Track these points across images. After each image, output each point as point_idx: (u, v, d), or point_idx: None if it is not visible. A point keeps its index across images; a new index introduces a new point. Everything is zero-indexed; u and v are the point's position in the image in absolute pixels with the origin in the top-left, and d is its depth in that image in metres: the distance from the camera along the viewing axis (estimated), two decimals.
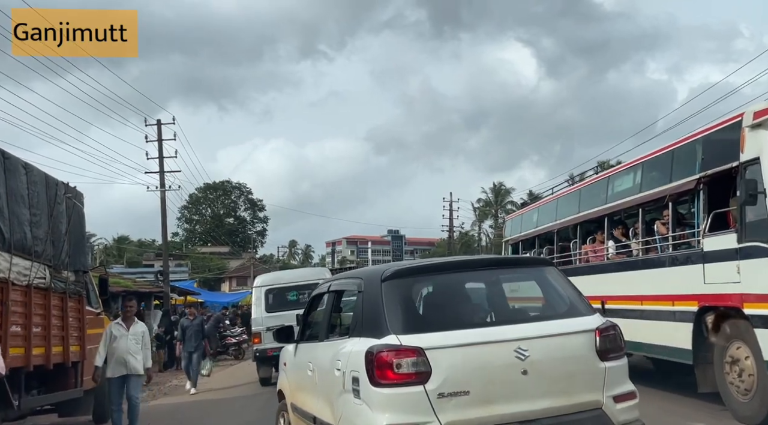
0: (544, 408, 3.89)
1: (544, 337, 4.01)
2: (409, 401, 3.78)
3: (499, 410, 3.83)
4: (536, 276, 4.79)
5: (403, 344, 3.84)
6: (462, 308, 4.50)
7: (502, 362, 3.86)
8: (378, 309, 4.14)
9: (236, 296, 38.42)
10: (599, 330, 4.11)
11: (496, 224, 73.17)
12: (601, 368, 4.05)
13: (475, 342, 3.92)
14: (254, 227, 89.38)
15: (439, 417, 3.74)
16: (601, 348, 4.07)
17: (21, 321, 7.85)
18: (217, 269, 72.12)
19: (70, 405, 9.67)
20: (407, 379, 3.78)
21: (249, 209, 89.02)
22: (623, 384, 4.16)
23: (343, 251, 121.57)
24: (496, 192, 72.21)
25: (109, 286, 19.58)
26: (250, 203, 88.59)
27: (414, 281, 4.53)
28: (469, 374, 3.83)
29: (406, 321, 4.05)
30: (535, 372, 3.88)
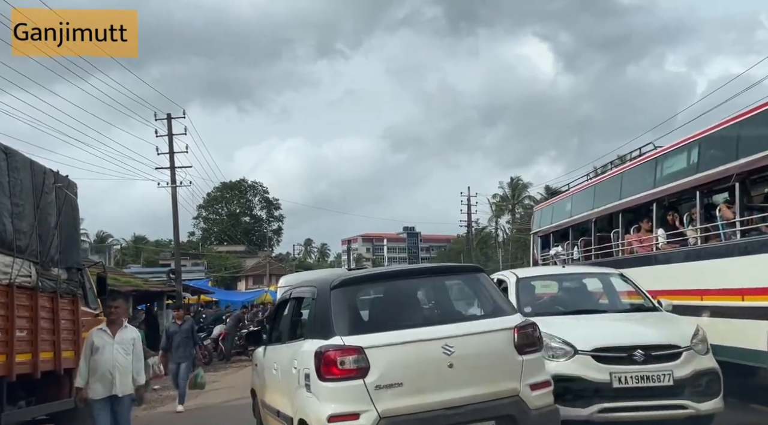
0: (468, 396, 4.39)
1: (468, 335, 4.52)
2: (350, 393, 4.28)
3: (428, 399, 4.34)
4: (467, 281, 5.35)
5: (345, 344, 4.36)
6: (399, 312, 5.00)
7: (431, 357, 4.37)
8: (327, 314, 4.69)
9: (252, 294, 37.52)
10: (517, 327, 4.64)
11: (513, 219, 71.82)
12: (519, 360, 4.56)
13: (408, 340, 4.43)
14: (270, 225, 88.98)
15: (376, 406, 4.24)
16: (519, 344, 4.59)
17: (1, 325, 6.90)
18: (233, 267, 71.57)
19: (67, 417, 8.70)
20: (349, 374, 4.29)
21: (265, 208, 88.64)
22: (539, 374, 4.68)
23: (359, 248, 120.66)
24: (513, 187, 70.84)
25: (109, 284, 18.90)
26: (266, 201, 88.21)
27: (358, 289, 5.11)
28: (403, 368, 4.35)
29: (349, 324, 4.58)
30: (460, 365, 4.38)
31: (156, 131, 23.16)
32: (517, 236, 70.52)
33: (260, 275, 66.37)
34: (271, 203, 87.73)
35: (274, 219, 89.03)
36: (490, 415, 4.45)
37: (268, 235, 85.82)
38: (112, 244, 73.99)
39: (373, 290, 5.37)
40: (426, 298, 5.40)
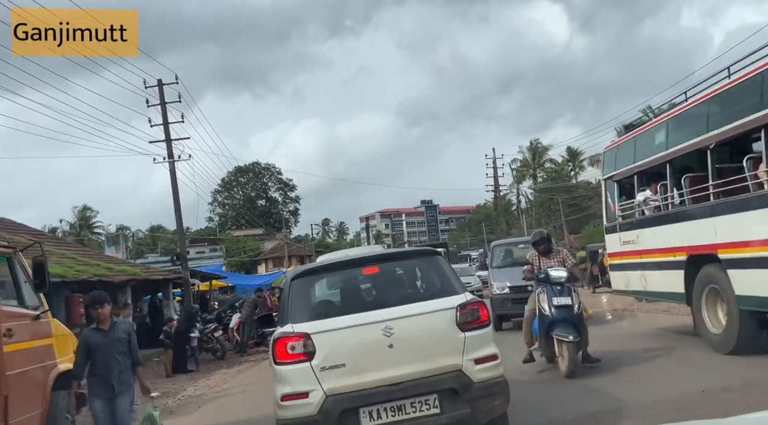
0: (409, 372, 4.65)
1: (408, 317, 4.76)
2: (299, 375, 4.63)
3: (370, 377, 4.63)
4: (418, 265, 5.59)
5: (294, 330, 4.72)
6: (346, 298, 5.51)
7: (372, 339, 4.66)
8: (285, 303, 5.13)
9: (269, 277, 34.77)
10: (460, 306, 4.82)
11: (535, 184, 68.34)
12: (461, 337, 4.74)
13: (350, 325, 4.75)
14: (286, 207, 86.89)
15: (322, 385, 4.59)
16: (461, 321, 4.78)
17: None
18: (252, 251, 69.36)
19: None
20: (298, 358, 4.65)
21: (280, 190, 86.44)
22: (484, 349, 4.81)
23: (377, 225, 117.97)
24: (533, 151, 67.17)
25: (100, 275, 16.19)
26: (281, 183, 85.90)
27: (314, 278, 5.46)
28: (345, 350, 4.67)
29: (300, 312, 4.97)
30: (400, 345, 4.65)
31: (147, 101, 20.21)
32: (541, 199, 67.15)
33: (280, 257, 64.01)
34: (285, 184, 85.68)
35: (290, 201, 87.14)
36: (431, 389, 4.61)
37: (285, 217, 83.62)
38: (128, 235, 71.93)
39: (327, 278, 5.65)
40: (377, 284, 5.47)
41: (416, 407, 4.61)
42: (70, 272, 13.47)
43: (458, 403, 4.64)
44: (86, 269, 14.99)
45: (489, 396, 4.72)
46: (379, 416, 4.59)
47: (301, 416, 4.60)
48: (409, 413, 4.60)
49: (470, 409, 4.62)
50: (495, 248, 15.65)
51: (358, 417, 4.58)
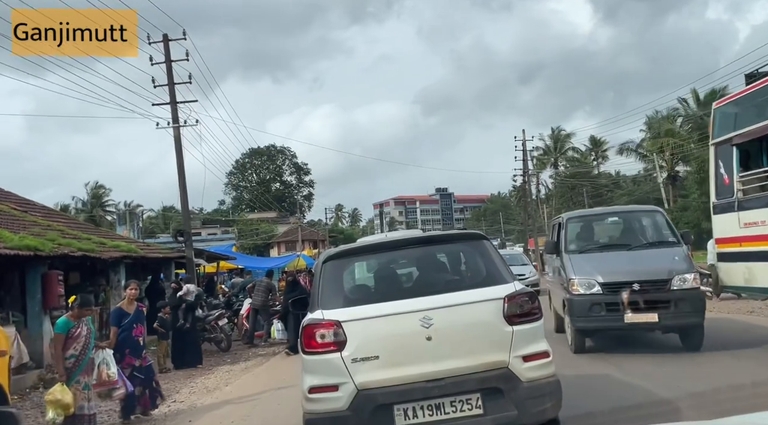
0: (449, 368, 4.11)
1: (449, 307, 4.21)
2: (329, 366, 4.16)
3: (405, 371, 4.11)
4: (463, 249, 4.97)
5: (324, 318, 4.24)
6: (382, 284, 4.90)
7: (408, 330, 4.14)
8: (316, 287, 4.61)
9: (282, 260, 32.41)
10: (508, 297, 4.25)
11: (556, 173, 65.44)
12: (508, 331, 4.18)
13: (385, 313, 4.22)
14: (300, 191, 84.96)
15: (353, 378, 4.10)
16: (509, 313, 4.21)
17: None
18: (265, 234, 67.41)
19: None
20: (327, 347, 4.18)
21: (294, 174, 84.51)
22: (534, 344, 4.25)
23: (391, 212, 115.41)
24: (555, 138, 64.13)
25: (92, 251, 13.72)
26: (296, 167, 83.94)
27: (346, 261, 4.85)
28: (379, 341, 4.16)
29: (332, 297, 4.44)
30: (440, 337, 4.12)
31: (151, 58, 17.75)
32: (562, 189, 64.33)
33: (293, 241, 62.09)
34: (300, 168, 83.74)
35: (304, 185, 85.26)
36: (474, 387, 4.11)
37: (299, 201, 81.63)
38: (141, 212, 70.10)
39: (361, 262, 5.19)
40: (416, 269, 5.00)
41: (456, 406, 4.14)
42: (48, 246, 11.14)
43: (504, 404, 4.15)
44: (71, 242, 12.63)
45: (538, 398, 4.19)
46: (414, 415, 4.12)
47: (329, 410, 4.17)
48: (448, 413, 4.13)
49: (517, 411, 4.12)
50: (569, 223, 9.72)
51: (392, 415, 4.12)
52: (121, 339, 7.70)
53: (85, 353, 7.01)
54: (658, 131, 48.54)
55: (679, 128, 46.34)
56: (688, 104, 44.52)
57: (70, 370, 6.95)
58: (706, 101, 42.30)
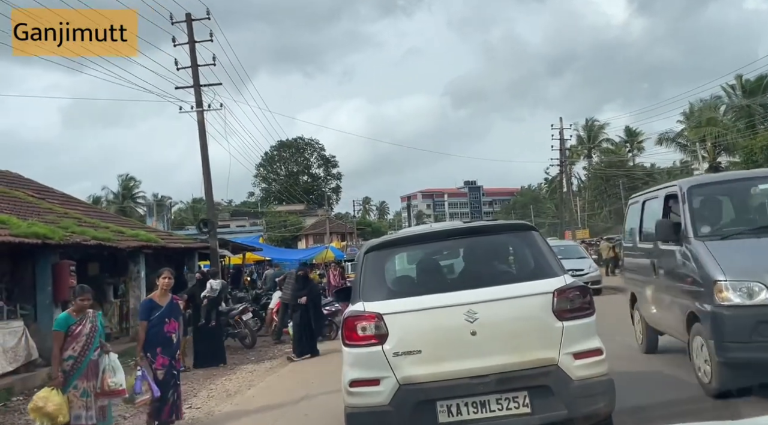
0: (495, 365, 3.90)
1: (494, 301, 3.99)
2: (370, 359, 3.99)
3: (449, 367, 3.91)
4: (510, 241, 4.72)
5: (366, 310, 4.08)
6: (426, 276, 4.64)
7: (452, 324, 3.94)
8: (358, 278, 4.43)
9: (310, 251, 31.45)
10: (558, 291, 4.02)
11: (590, 165, 63.34)
12: (558, 327, 3.96)
13: (428, 307, 4.02)
14: (328, 184, 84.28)
15: (395, 372, 3.94)
16: (559, 308, 3.98)
17: None
18: (293, 226, 66.83)
19: None
20: (368, 340, 4.01)
21: (322, 166, 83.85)
22: (586, 341, 4.01)
23: (419, 205, 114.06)
24: (588, 129, 61.97)
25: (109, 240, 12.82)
26: (323, 159, 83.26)
27: (389, 253, 4.63)
28: (422, 335, 3.98)
29: (374, 289, 4.26)
30: (485, 332, 3.91)
31: (174, 39, 16.82)
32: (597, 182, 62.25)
33: (320, 233, 61.43)
34: (328, 160, 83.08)
35: (332, 177, 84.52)
36: (521, 385, 3.87)
37: (327, 193, 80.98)
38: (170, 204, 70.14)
39: (404, 253, 4.92)
40: (461, 261, 4.80)
41: (502, 404, 3.86)
42: (58, 234, 10.23)
43: (553, 403, 3.85)
44: (85, 230, 11.73)
45: (590, 397, 3.89)
46: (459, 412, 3.86)
47: (371, 405, 3.98)
48: (494, 410, 3.86)
49: (567, 411, 3.83)
50: (694, 194, 6.17)
51: (435, 411, 3.87)
52: (151, 335, 6.54)
53: (85, 354, 5.99)
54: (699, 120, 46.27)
55: (722, 116, 44.00)
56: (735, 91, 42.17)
57: (67, 373, 5.95)
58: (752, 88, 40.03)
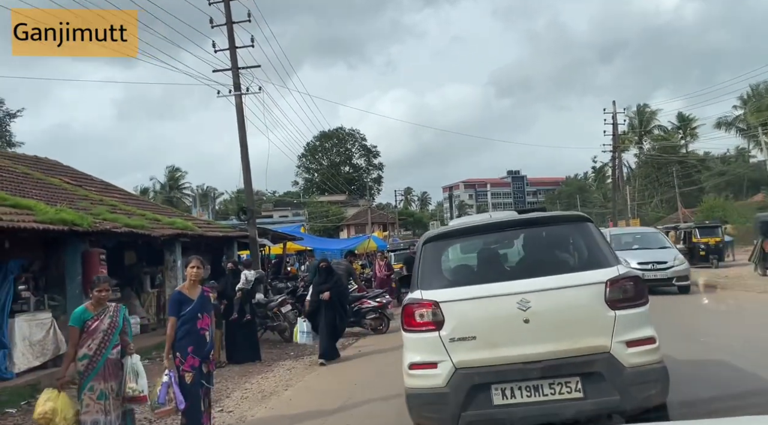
0: (547, 351, 3.97)
1: (547, 290, 4.07)
2: (427, 344, 4.16)
3: (502, 352, 4.02)
4: (564, 232, 4.77)
5: (423, 298, 4.24)
6: (481, 266, 4.80)
7: (505, 312, 4.04)
8: (417, 268, 4.57)
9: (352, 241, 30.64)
10: (610, 281, 4.08)
11: (641, 152, 60.65)
12: (610, 316, 4.02)
13: (482, 295, 4.15)
14: (370, 174, 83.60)
15: (451, 357, 4.08)
16: (611, 298, 4.05)
17: None
18: (335, 217, 66.40)
19: None
20: (426, 326, 4.19)
21: (364, 156, 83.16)
22: (639, 330, 4.06)
23: (461, 195, 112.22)
24: (639, 115, 59.23)
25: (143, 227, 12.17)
26: (365, 149, 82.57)
27: (447, 243, 4.77)
28: (476, 322, 4.11)
29: (431, 278, 4.42)
30: (537, 320, 4.00)
31: (211, 20, 16.11)
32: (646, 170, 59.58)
33: (362, 224, 60.79)
34: (369, 150, 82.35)
35: (373, 168, 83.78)
36: (573, 371, 3.93)
37: (368, 184, 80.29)
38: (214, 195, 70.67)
39: (465, 243, 5.09)
40: (516, 251, 5.03)
41: (555, 389, 3.93)
42: (87, 220, 9.59)
43: (605, 389, 3.90)
44: (118, 218, 11.11)
45: (643, 384, 3.91)
46: (512, 395, 3.97)
47: (429, 387, 4.13)
48: (546, 395, 3.93)
49: (619, 396, 3.86)
50: None
51: (490, 394, 4.00)
52: (181, 332, 5.61)
53: (102, 352, 5.23)
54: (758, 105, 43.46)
55: None
56: None
57: (82, 374, 5.21)
58: None
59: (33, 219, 8.68)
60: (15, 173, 12.58)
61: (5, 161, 13.37)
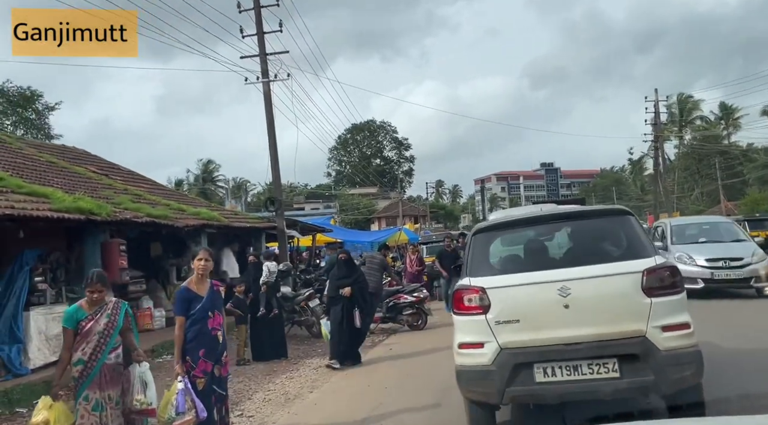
0: (586, 334, 4.23)
1: (586, 278, 4.34)
2: (475, 326, 4.48)
3: (544, 335, 4.29)
4: (606, 225, 5.00)
5: (471, 284, 4.58)
6: (525, 256, 5.07)
7: (547, 298, 4.32)
8: (466, 257, 4.97)
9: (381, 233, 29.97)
10: (647, 271, 4.30)
11: (681, 144, 58.45)
12: (646, 303, 4.22)
13: (525, 283, 4.47)
14: (401, 167, 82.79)
15: (497, 338, 4.40)
16: (647, 286, 4.26)
17: None
18: (366, 209, 65.89)
19: None
20: (474, 310, 4.51)
21: (395, 149, 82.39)
22: (674, 316, 4.26)
23: (492, 188, 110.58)
24: (681, 105, 57.00)
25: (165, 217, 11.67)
26: (396, 142, 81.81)
27: (494, 234, 5.08)
28: (520, 307, 4.41)
29: (479, 266, 4.77)
30: (577, 306, 4.26)
31: (239, 5, 15.55)
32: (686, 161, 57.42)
33: (393, 216, 60.15)
34: (401, 143, 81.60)
35: (404, 160, 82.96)
36: (611, 353, 4.20)
37: (400, 176, 79.55)
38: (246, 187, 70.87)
39: (510, 235, 5.29)
40: (558, 243, 5.27)
41: (593, 369, 4.20)
42: (105, 209, 9.11)
43: (641, 370, 4.14)
44: (140, 207, 10.63)
45: (677, 366, 4.13)
46: (553, 373, 4.25)
47: (476, 364, 4.44)
48: (585, 374, 4.20)
49: (654, 377, 4.09)
50: None
51: (532, 372, 4.28)
52: (191, 333, 4.96)
53: (98, 357, 4.65)
54: None
55: None
56: None
57: (76, 381, 4.64)
58: None
59: (48, 207, 8.22)
60: (39, 161, 12.24)
61: (30, 149, 13.06)
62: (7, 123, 37.22)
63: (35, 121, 39.20)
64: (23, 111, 38.70)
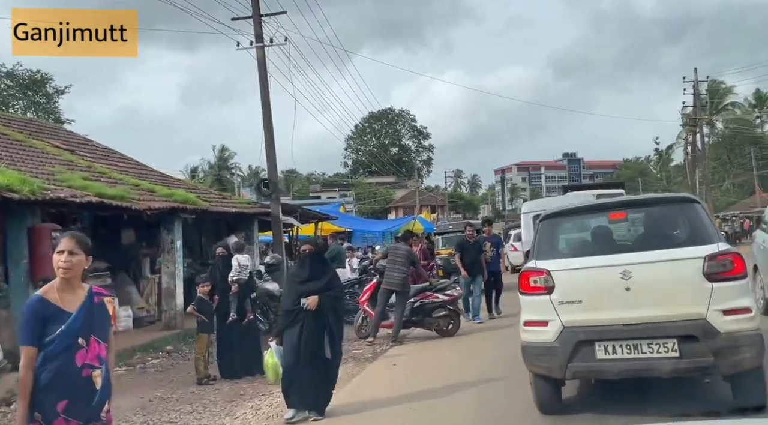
0: (646, 315, 4.34)
1: (648, 263, 4.43)
2: (539, 305, 4.68)
3: (605, 315, 4.45)
4: (670, 212, 5.11)
5: (537, 266, 4.78)
6: (590, 241, 5.23)
7: (609, 281, 4.46)
8: (534, 241, 5.20)
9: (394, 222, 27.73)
10: (708, 256, 4.35)
11: (712, 132, 55.15)
12: (707, 287, 4.27)
13: (588, 266, 4.66)
14: (419, 156, 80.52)
15: (560, 317, 4.56)
16: (708, 271, 4.31)
17: None
18: (383, 199, 63.84)
19: None
20: (539, 290, 4.70)
21: (414, 138, 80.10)
22: (735, 300, 4.30)
23: (513, 178, 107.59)
24: (711, 92, 53.66)
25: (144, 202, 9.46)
26: (415, 131, 79.48)
27: (560, 220, 5.26)
28: (582, 288, 4.58)
29: (545, 250, 4.95)
30: (638, 288, 4.37)
31: None
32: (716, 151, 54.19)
33: (410, 206, 58.17)
34: (420, 132, 79.26)
35: (423, 149, 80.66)
36: (670, 333, 4.27)
37: (417, 166, 77.27)
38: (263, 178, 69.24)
39: (576, 221, 5.48)
40: (622, 229, 5.44)
41: (653, 348, 4.30)
42: (31, 185, 7.07)
43: (700, 351, 4.22)
44: (88, 185, 8.59)
45: (736, 348, 4.18)
46: (614, 351, 4.39)
47: (541, 341, 4.63)
48: (645, 353, 4.32)
49: (713, 358, 4.18)
50: None
51: (594, 349, 4.43)
52: (46, 376, 2.84)
53: None
54: None
55: None
56: None
57: None
58: None
59: None
60: None
61: None
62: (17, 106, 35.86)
63: (45, 105, 37.82)
64: (34, 95, 37.34)
